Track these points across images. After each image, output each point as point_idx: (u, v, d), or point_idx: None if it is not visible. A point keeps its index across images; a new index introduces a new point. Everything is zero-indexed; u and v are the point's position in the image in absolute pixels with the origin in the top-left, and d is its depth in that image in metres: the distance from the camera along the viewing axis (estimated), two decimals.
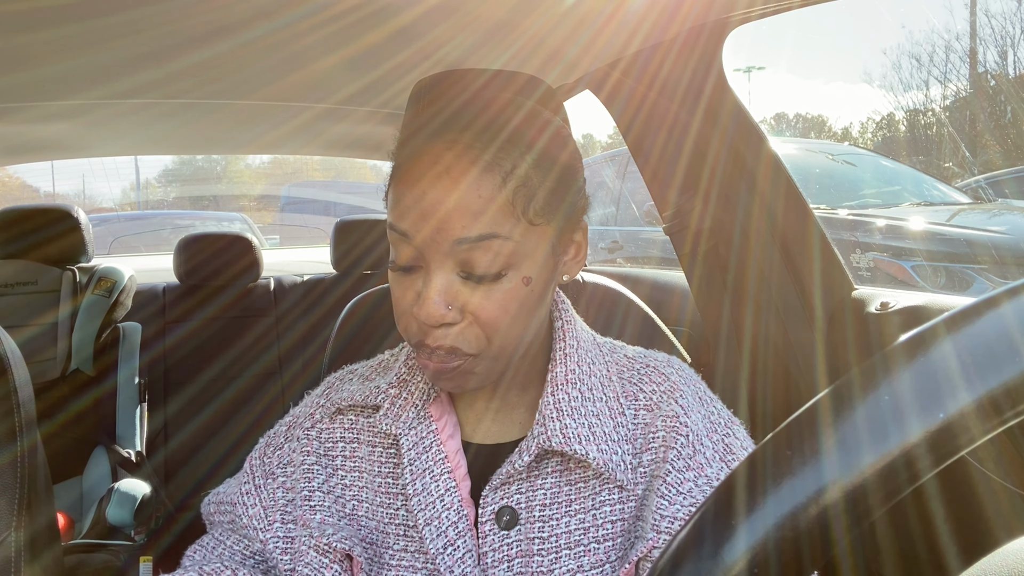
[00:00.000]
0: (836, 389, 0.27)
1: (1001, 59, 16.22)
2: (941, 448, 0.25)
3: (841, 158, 4.19)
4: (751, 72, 23.82)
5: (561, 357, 0.65)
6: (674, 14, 1.03)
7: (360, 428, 0.69)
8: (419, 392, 0.67)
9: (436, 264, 0.56)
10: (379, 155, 2.31)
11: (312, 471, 0.68)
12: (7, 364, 0.87)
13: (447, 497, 0.62)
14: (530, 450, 0.61)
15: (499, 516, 0.62)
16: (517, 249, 0.57)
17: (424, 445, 0.64)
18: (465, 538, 0.61)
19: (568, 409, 0.62)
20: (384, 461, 0.66)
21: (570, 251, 0.64)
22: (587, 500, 0.62)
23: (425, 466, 0.63)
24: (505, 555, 0.61)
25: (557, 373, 0.64)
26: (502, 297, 0.57)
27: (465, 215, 0.55)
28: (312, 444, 0.69)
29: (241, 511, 0.69)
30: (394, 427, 0.65)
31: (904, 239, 3.07)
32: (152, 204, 17.20)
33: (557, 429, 0.61)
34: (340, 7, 0.97)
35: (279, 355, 2.44)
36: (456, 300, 0.57)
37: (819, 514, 0.25)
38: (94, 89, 1.35)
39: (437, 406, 0.67)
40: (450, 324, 0.57)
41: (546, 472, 0.63)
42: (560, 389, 0.63)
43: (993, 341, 0.25)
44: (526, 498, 0.62)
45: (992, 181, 5.63)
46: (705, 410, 0.67)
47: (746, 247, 1.25)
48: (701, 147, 1.24)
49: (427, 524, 0.61)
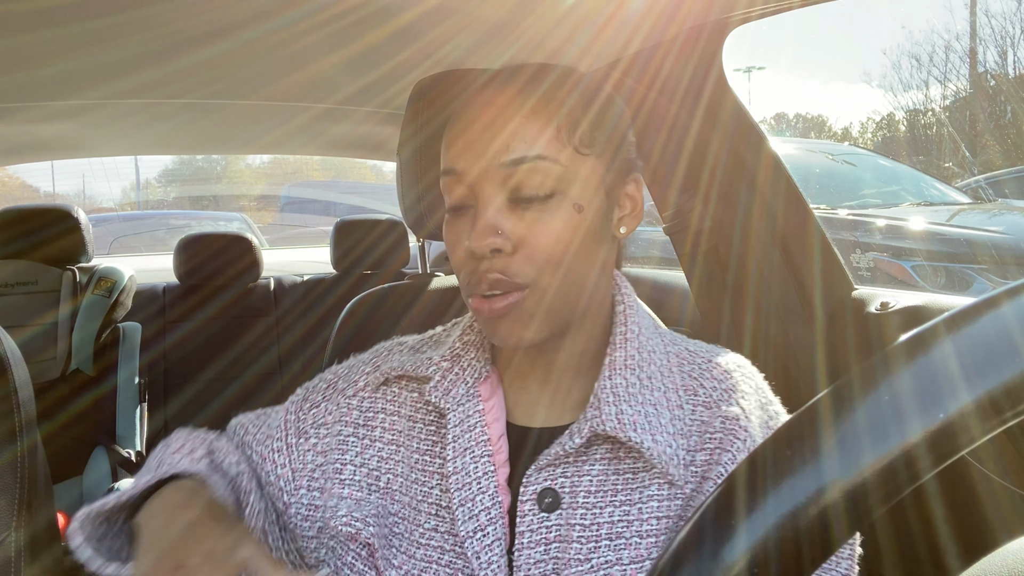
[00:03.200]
0: (836, 389, 0.27)
1: (1001, 59, 16.23)
2: (941, 448, 0.25)
3: (841, 158, 4.19)
4: (751, 72, 23.81)
5: (621, 341, 0.63)
6: (674, 14, 1.03)
7: (403, 401, 0.67)
8: (471, 369, 0.65)
9: (486, 193, 0.57)
10: (379, 155, 2.31)
11: (347, 442, 0.66)
12: (7, 364, 0.87)
13: (484, 480, 0.60)
14: (582, 433, 0.59)
15: (540, 497, 0.59)
16: (565, 174, 0.57)
17: (469, 424, 0.62)
18: (496, 525, 0.59)
19: (625, 395, 0.60)
20: (423, 437, 0.65)
21: (626, 205, 0.63)
22: (634, 492, 0.59)
23: (467, 445, 0.61)
24: (542, 538, 0.58)
25: (616, 357, 0.62)
26: (553, 221, 0.57)
27: (511, 138, 0.56)
28: (352, 413, 0.67)
29: (270, 468, 0.67)
30: (443, 401, 0.63)
31: (904, 239, 3.07)
32: (152, 204, 17.19)
33: (612, 414, 0.59)
34: (340, 7, 0.97)
35: (279, 355, 2.44)
36: (506, 226, 0.57)
37: (819, 514, 0.25)
38: (94, 89, 1.35)
39: (487, 386, 0.65)
40: (501, 252, 0.57)
41: (595, 458, 0.60)
42: (618, 373, 0.61)
43: (993, 341, 0.25)
44: (571, 482, 0.60)
45: (992, 181, 5.63)
46: (765, 414, 0.65)
47: (746, 247, 1.25)
48: (701, 147, 1.24)
49: (461, 505, 0.59)
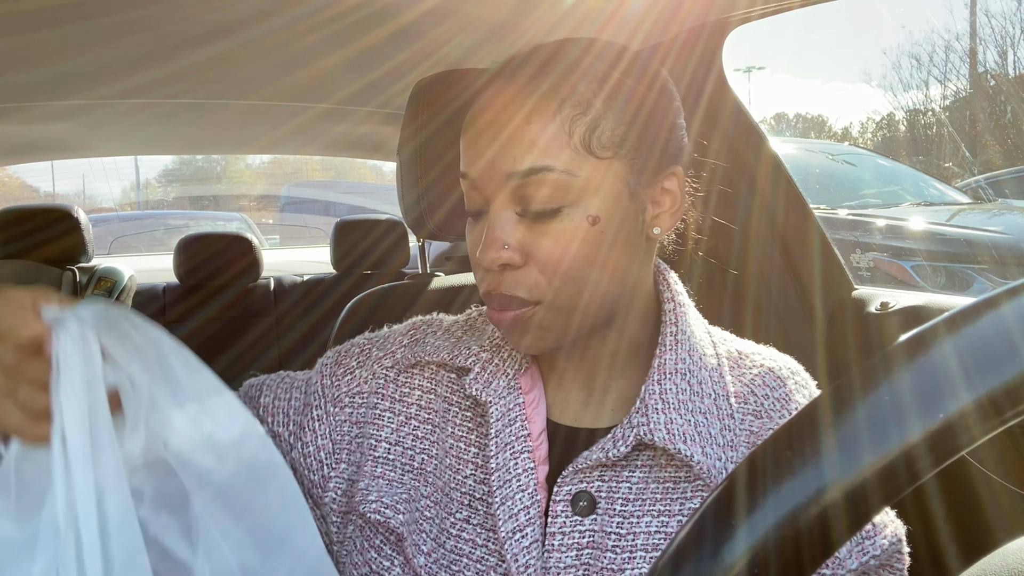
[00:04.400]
0: (836, 389, 0.27)
1: (1001, 59, 16.23)
2: (941, 448, 0.25)
3: (841, 158, 4.19)
4: (751, 72, 23.81)
5: (671, 343, 0.59)
6: (674, 14, 1.03)
7: (439, 380, 0.64)
8: (511, 360, 0.61)
9: (495, 203, 0.54)
10: (379, 155, 2.31)
11: (383, 417, 0.63)
12: None
13: (523, 478, 0.57)
14: (627, 440, 0.55)
15: (575, 500, 0.56)
16: (576, 184, 0.53)
17: (510, 418, 0.59)
18: (535, 525, 0.56)
19: (675, 402, 0.56)
20: (459, 423, 0.62)
21: (663, 202, 0.58)
22: (674, 503, 0.56)
23: (507, 440, 0.58)
24: (575, 543, 0.56)
25: (666, 360, 0.58)
26: (563, 236, 0.53)
27: (516, 147, 0.53)
28: (388, 387, 0.64)
29: (309, 439, 0.64)
30: (484, 395, 0.59)
31: (904, 239, 3.07)
32: (152, 204, 17.20)
33: (661, 423, 0.55)
34: (340, 7, 0.97)
35: (279, 355, 2.44)
36: (515, 240, 0.54)
37: (819, 514, 0.25)
38: (94, 89, 1.35)
39: (528, 378, 0.62)
40: (511, 267, 0.54)
41: (635, 464, 0.57)
42: (668, 378, 0.57)
43: (993, 341, 0.25)
44: (607, 487, 0.57)
45: (992, 181, 5.63)
46: None
47: (746, 247, 1.25)
48: (701, 147, 1.24)
49: (502, 504, 0.57)
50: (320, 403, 0.65)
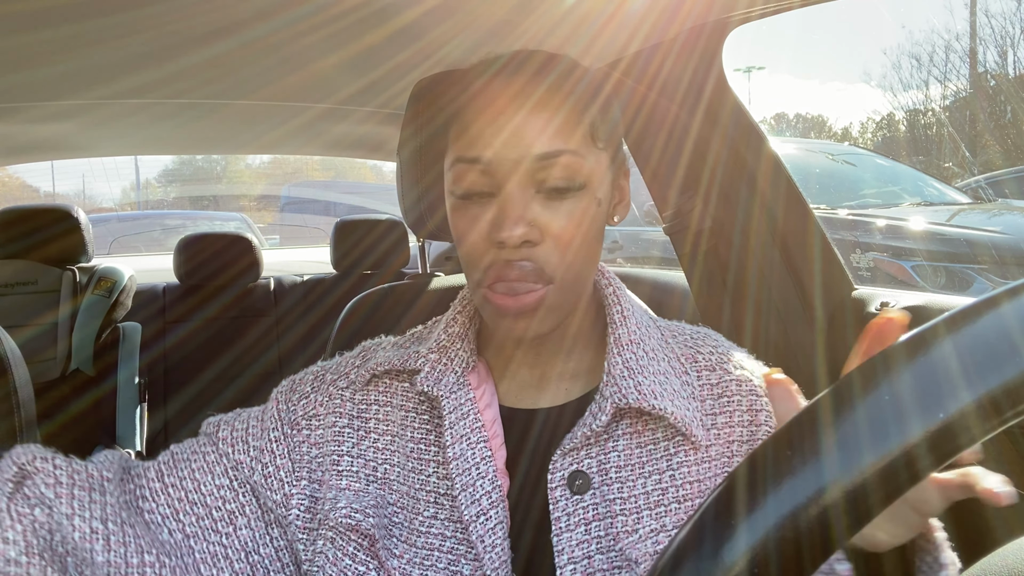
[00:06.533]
0: (836, 389, 0.27)
1: (1001, 59, 16.22)
2: (941, 448, 0.25)
3: (841, 158, 4.19)
4: (751, 72, 23.81)
5: (620, 319, 0.65)
6: (674, 14, 1.03)
7: (394, 392, 0.67)
8: (459, 359, 0.66)
9: (514, 184, 0.57)
10: (380, 155, 2.31)
11: (343, 434, 0.66)
12: (7, 364, 0.87)
13: (482, 466, 0.61)
14: (605, 410, 0.60)
15: (571, 481, 0.60)
16: (585, 167, 0.58)
17: (463, 411, 0.63)
18: (498, 508, 0.60)
19: (637, 367, 0.62)
20: (417, 426, 0.65)
21: (618, 195, 0.65)
22: (661, 461, 0.61)
23: (462, 432, 0.62)
24: (581, 519, 0.59)
25: (620, 335, 0.64)
26: (579, 214, 0.58)
27: (534, 131, 0.56)
28: (345, 405, 0.67)
29: (268, 460, 0.66)
30: (435, 390, 0.63)
31: (904, 239, 3.07)
32: (152, 204, 17.20)
33: (631, 386, 0.60)
34: (340, 7, 0.97)
35: (279, 355, 2.44)
36: (538, 217, 0.57)
37: (819, 514, 0.25)
38: (94, 89, 1.35)
39: (475, 376, 0.66)
40: (529, 244, 0.57)
41: (616, 435, 0.62)
42: (626, 349, 0.63)
43: (993, 341, 0.25)
44: (598, 462, 0.61)
45: (992, 181, 5.63)
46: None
47: (746, 247, 1.25)
48: (701, 147, 1.24)
49: (463, 491, 0.60)
50: (277, 426, 0.67)
